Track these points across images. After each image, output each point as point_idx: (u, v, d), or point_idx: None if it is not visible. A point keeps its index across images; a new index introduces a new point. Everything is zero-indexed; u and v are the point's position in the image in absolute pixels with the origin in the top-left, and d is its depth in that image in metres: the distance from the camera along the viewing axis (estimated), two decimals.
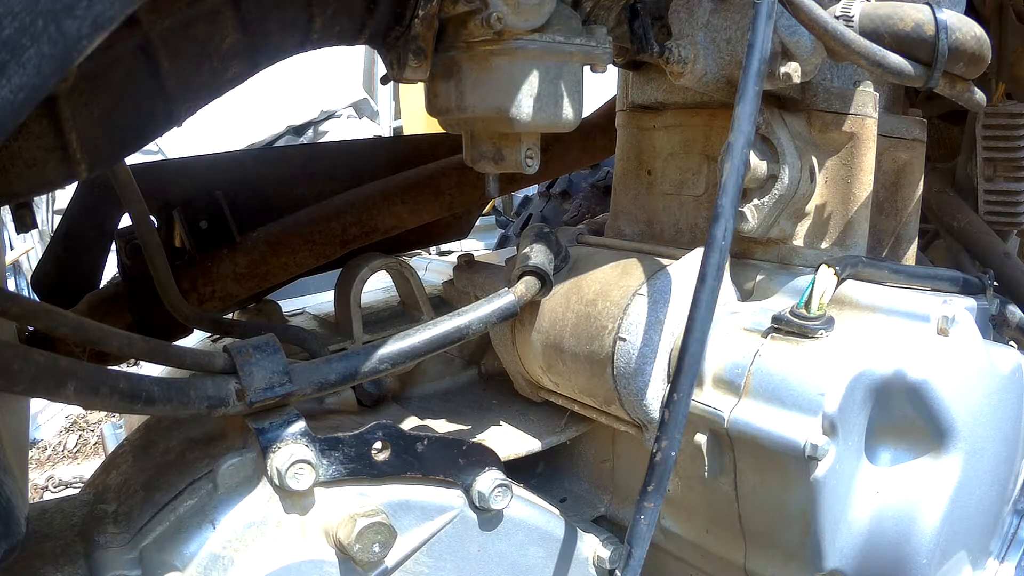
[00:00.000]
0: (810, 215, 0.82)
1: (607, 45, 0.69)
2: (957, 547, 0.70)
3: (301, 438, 0.62)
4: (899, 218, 0.88)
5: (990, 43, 0.72)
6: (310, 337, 0.82)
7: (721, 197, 0.55)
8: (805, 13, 0.64)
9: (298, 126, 4.76)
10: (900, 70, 0.69)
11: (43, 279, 0.93)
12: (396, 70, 0.67)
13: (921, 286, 0.75)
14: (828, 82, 0.80)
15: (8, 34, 0.32)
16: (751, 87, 0.56)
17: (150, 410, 0.59)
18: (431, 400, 0.92)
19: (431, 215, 1.03)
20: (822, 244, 0.82)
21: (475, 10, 0.62)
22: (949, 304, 0.69)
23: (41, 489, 3.13)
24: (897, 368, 0.66)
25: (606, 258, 0.83)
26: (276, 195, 1.01)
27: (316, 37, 0.63)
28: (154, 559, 0.60)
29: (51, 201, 4.30)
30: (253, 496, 0.62)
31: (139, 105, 0.56)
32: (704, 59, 0.76)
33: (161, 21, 0.54)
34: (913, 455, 0.68)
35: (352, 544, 0.61)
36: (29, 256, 4.21)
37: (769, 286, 0.80)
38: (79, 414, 3.68)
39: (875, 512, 0.68)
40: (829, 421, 0.64)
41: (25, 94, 0.34)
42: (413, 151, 1.12)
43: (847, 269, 0.72)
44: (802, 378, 0.66)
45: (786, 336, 0.70)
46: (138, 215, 0.85)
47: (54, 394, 0.51)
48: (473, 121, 0.69)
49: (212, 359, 0.64)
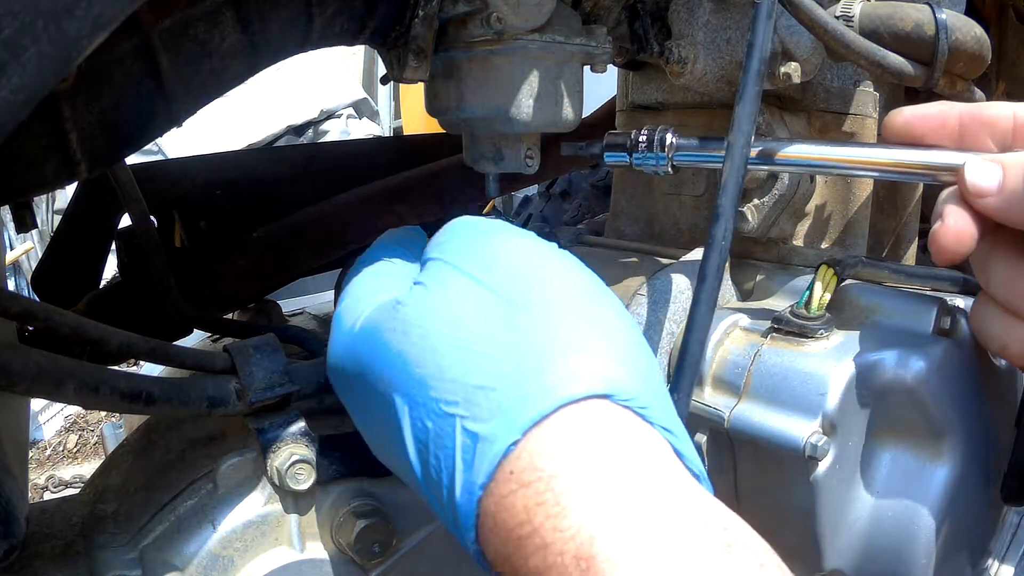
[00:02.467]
0: (810, 215, 0.82)
1: (607, 45, 0.69)
2: (957, 547, 0.70)
3: (301, 438, 0.62)
4: (899, 218, 0.88)
5: (990, 43, 0.72)
6: (310, 337, 0.82)
7: (721, 197, 0.55)
8: (805, 13, 0.64)
9: (298, 126, 4.75)
10: (900, 70, 0.69)
11: (43, 279, 0.93)
12: (396, 70, 0.67)
13: (921, 286, 0.75)
14: (828, 82, 0.80)
15: (8, 34, 0.32)
16: (751, 87, 0.56)
17: (150, 410, 0.59)
18: None
19: (431, 215, 1.03)
20: (822, 244, 0.82)
21: (475, 10, 0.62)
22: (949, 304, 0.69)
23: (41, 489, 3.13)
24: (897, 368, 0.66)
25: (606, 258, 0.83)
26: (276, 195, 1.01)
27: (316, 37, 0.63)
28: (154, 559, 0.60)
29: (51, 201, 4.30)
30: (253, 496, 0.62)
31: (139, 105, 0.56)
32: (704, 59, 0.76)
33: (161, 21, 0.54)
34: (913, 455, 0.68)
35: (352, 544, 0.61)
36: (29, 256, 4.21)
37: (769, 286, 0.80)
38: (79, 414, 3.68)
39: (875, 512, 0.69)
40: (829, 421, 0.64)
41: (25, 94, 0.34)
42: (413, 151, 1.12)
43: (847, 269, 0.72)
44: (802, 378, 0.66)
45: (786, 336, 0.70)
46: (138, 215, 0.85)
47: (54, 394, 0.51)
48: (473, 121, 0.69)
49: (212, 359, 0.64)
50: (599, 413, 0.42)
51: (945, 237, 0.56)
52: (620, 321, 0.48)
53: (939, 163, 0.59)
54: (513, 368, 0.43)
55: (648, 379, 0.46)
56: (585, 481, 0.40)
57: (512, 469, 0.41)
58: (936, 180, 0.60)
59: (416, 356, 0.46)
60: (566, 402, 0.42)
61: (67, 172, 0.54)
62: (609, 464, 0.41)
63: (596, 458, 0.41)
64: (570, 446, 0.41)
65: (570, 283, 0.48)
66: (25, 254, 4.15)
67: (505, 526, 0.42)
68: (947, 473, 0.67)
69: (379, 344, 0.48)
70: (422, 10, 0.62)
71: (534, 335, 0.44)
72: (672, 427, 0.44)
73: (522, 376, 0.43)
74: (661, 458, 0.43)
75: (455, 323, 0.46)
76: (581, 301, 0.47)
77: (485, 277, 0.48)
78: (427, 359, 0.45)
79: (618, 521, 0.39)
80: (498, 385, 0.43)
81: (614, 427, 0.42)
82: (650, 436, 0.43)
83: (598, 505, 0.40)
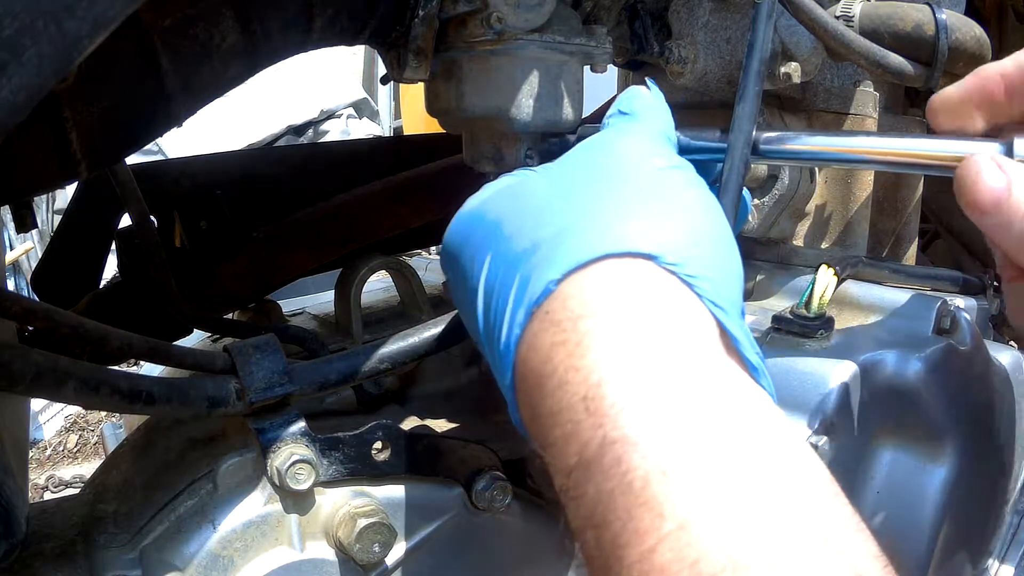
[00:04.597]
0: (810, 215, 0.82)
1: (607, 45, 0.69)
2: (957, 547, 0.71)
3: (301, 438, 0.62)
4: (899, 218, 0.88)
5: (990, 43, 0.72)
6: (310, 337, 0.82)
7: (721, 197, 0.55)
8: (805, 13, 0.64)
9: (298, 126, 4.75)
10: (900, 70, 0.69)
11: (43, 279, 0.93)
12: (396, 70, 0.67)
13: (921, 286, 0.75)
14: (828, 82, 0.80)
15: (8, 34, 0.32)
16: (751, 87, 0.56)
17: (150, 410, 0.59)
18: (431, 400, 0.92)
19: (431, 215, 1.03)
20: (822, 244, 0.82)
21: (475, 10, 0.62)
22: (949, 304, 0.70)
23: (41, 489, 3.13)
24: (897, 368, 0.66)
25: None
26: (276, 195, 1.01)
27: (316, 37, 0.63)
28: (154, 559, 0.60)
29: (51, 201, 4.30)
30: (253, 496, 0.62)
31: (139, 105, 0.56)
32: (704, 59, 0.76)
33: (161, 21, 0.54)
34: (913, 455, 0.68)
35: (352, 544, 0.61)
36: (29, 256, 4.21)
37: (769, 286, 0.80)
38: (79, 414, 3.67)
39: (875, 512, 0.69)
40: (829, 421, 0.64)
41: (25, 94, 0.34)
42: (413, 151, 1.12)
43: (847, 269, 0.72)
44: (802, 378, 0.66)
45: (786, 336, 0.70)
46: (138, 215, 0.84)
47: (54, 394, 0.51)
48: (473, 121, 0.69)
49: (212, 359, 0.64)
50: (638, 269, 0.43)
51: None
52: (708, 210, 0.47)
53: (948, 152, 0.50)
54: (573, 223, 0.45)
55: (707, 253, 0.44)
56: (607, 324, 0.41)
57: (548, 310, 0.43)
58: (946, 173, 0.50)
59: (509, 218, 0.49)
60: (607, 254, 0.43)
61: (67, 172, 0.54)
62: (634, 313, 0.41)
63: (623, 306, 0.41)
64: (601, 292, 0.42)
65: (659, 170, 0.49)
66: (25, 254, 4.15)
67: (531, 365, 0.43)
68: (947, 473, 0.67)
69: (482, 214, 0.52)
70: (422, 10, 0.62)
71: (603, 200, 0.46)
72: (723, 303, 0.42)
73: (578, 230, 0.44)
74: (692, 322, 0.42)
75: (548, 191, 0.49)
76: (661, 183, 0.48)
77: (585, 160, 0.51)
78: (516, 220, 0.48)
79: (631, 366, 0.39)
80: (557, 237, 0.45)
81: (649, 283, 0.42)
82: (687, 301, 0.42)
83: (615, 348, 0.40)
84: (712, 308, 0.42)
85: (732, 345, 0.42)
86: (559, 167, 0.52)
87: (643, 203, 0.46)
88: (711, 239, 0.46)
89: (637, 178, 0.48)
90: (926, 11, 0.69)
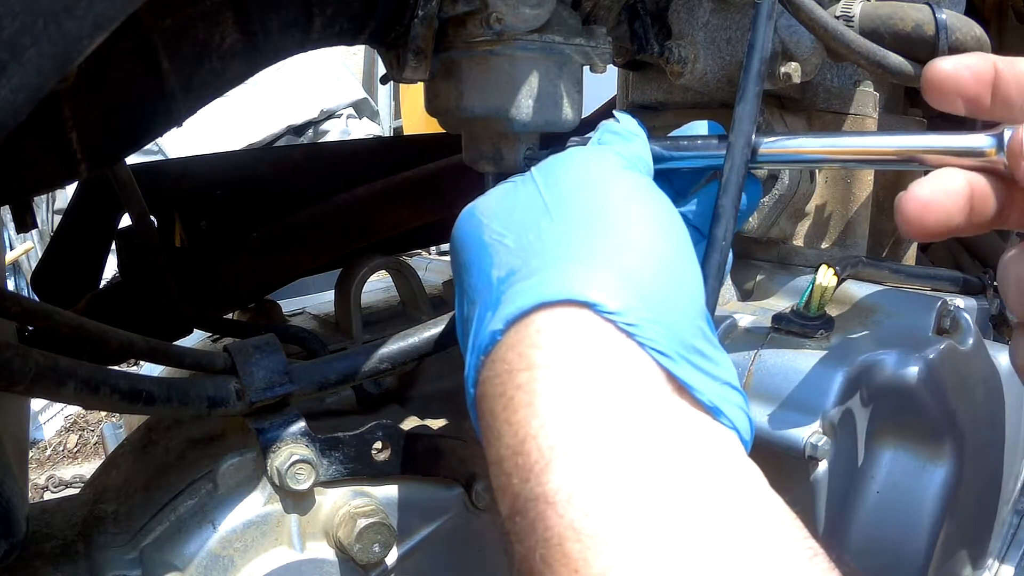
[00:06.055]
0: (810, 215, 0.82)
1: (607, 45, 0.69)
2: (957, 547, 0.71)
3: (301, 438, 0.62)
4: None
5: (990, 43, 0.72)
6: (310, 337, 0.82)
7: (721, 197, 0.55)
8: (805, 13, 0.64)
9: (298, 126, 4.75)
10: (900, 70, 0.69)
11: (43, 279, 0.93)
12: (396, 70, 0.67)
13: (921, 286, 0.75)
14: (828, 82, 0.80)
15: (8, 34, 0.32)
16: (751, 87, 0.56)
17: (150, 410, 0.59)
18: (431, 400, 0.92)
19: (431, 215, 1.03)
20: (822, 244, 0.82)
21: (474, 11, 0.62)
22: (949, 304, 0.69)
23: (41, 489, 3.13)
24: (897, 368, 0.66)
25: None
26: (276, 195, 1.01)
27: (316, 37, 0.63)
28: (154, 559, 0.60)
29: (51, 201, 4.30)
30: (253, 496, 0.62)
31: (139, 105, 0.56)
32: (704, 59, 0.76)
33: (161, 21, 0.54)
34: (913, 455, 0.68)
35: (352, 544, 0.61)
36: (29, 256, 4.21)
37: (769, 286, 0.80)
38: (79, 414, 3.68)
39: (875, 512, 0.69)
40: (829, 421, 0.64)
41: (25, 94, 0.34)
42: (413, 151, 1.12)
43: (847, 269, 0.72)
44: (802, 378, 0.66)
45: (786, 336, 0.70)
46: (138, 215, 0.85)
47: (54, 394, 0.51)
48: (472, 121, 0.69)
49: (212, 359, 0.64)
50: (575, 320, 0.42)
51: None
52: (655, 243, 0.45)
53: (959, 147, 0.48)
54: (521, 265, 0.46)
55: (652, 293, 0.43)
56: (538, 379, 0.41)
57: (493, 359, 0.44)
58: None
59: (469, 246, 0.51)
60: (544, 302, 0.42)
61: (67, 172, 0.54)
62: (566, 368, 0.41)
63: (556, 360, 0.41)
64: (536, 345, 0.42)
65: (616, 201, 0.47)
66: (25, 254, 4.15)
67: (482, 411, 0.45)
68: (947, 473, 0.67)
69: (458, 230, 0.54)
70: (421, 10, 0.62)
71: (551, 240, 0.46)
72: (669, 348, 0.41)
73: (523, 273, 0.45)
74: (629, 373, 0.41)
75: (503, 220, 0.50)
76: (615, 218, 0.46)
77: (545, 188, 0.50)
78: (474, 251, 0.50)
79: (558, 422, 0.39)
80: (506, 279, 0.46)
81: (585, 335, 0.41)
82: (624, 352, 0.41)
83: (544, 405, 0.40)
84: (655, 356, 0.41)
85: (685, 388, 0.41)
86: (512, 191, 0.52)
87: (589, 244, 0.44)
88: (660, 275, 0.44)
89: (589, 210, 0.47)
90: (926, 11, 0.69)
